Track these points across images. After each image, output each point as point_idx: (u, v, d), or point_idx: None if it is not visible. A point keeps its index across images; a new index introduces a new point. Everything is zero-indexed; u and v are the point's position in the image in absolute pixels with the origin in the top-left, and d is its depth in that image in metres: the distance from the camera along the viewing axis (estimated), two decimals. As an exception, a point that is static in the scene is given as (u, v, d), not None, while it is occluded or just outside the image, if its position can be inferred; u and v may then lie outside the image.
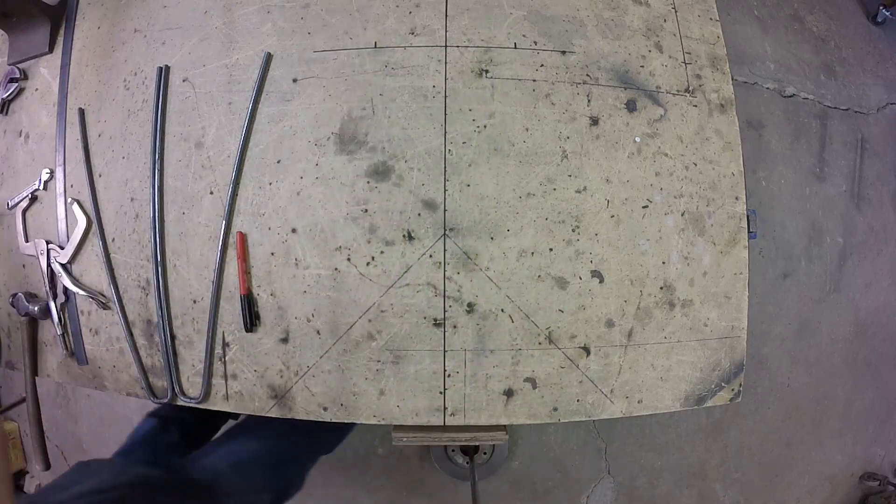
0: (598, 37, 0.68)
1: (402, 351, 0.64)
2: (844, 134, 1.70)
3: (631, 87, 0.67)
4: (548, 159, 0.65)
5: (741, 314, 0.68)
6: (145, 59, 0.71)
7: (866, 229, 1.71)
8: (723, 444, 1.65)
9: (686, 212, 0.67)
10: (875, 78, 1.75)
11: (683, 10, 0.71)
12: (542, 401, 0.65)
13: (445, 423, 0.64)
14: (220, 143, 0.67)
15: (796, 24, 1.73)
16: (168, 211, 0.68)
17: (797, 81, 1.68)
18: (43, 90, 0.77)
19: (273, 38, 0.68)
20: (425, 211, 0.64)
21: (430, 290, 0.64)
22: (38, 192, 0.75)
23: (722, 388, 0.69)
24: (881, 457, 1.77)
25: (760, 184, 1.63)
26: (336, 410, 0.65)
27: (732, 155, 0.69)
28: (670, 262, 0.66)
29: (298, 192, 0.65)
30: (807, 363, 1.68)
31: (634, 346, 0.66)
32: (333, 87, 0.66)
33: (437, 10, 0.67)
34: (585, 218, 0.65)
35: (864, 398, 1.73)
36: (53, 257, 0.72)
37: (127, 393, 0.71)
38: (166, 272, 0.67)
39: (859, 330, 1.71)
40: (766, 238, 1.63)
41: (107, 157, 0.71)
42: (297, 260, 0.65)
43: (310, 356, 0.65)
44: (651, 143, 0.66)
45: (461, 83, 0.65)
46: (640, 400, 0.66)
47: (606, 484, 1.62)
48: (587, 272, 0.65)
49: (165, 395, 0.68)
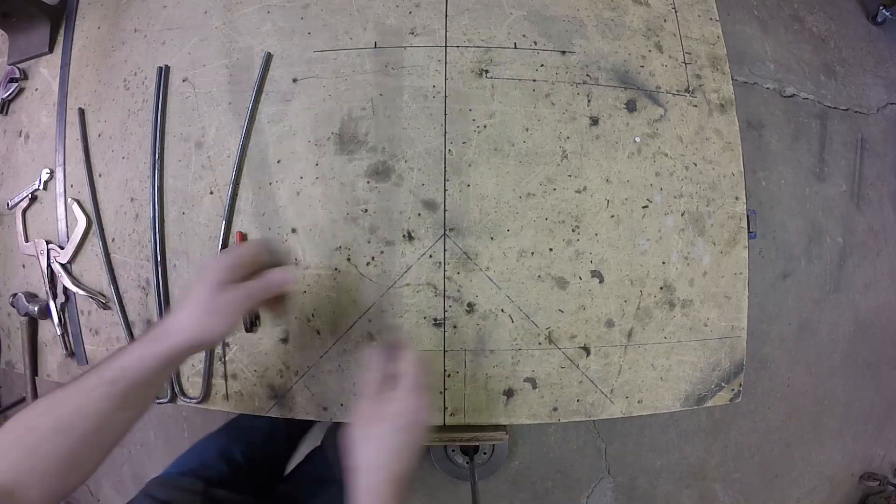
0: (598, 37, 0.68)
1: (402, 351, 0.64)
2: (844, 134, 1.70)
3: (631, 87, 0.67)
4: (548, 159, 0.65)
5: (741, 314, 0.68)
6: (145, 59, 0.71)
7: (866, 229, 1.71)
8: (723, 444, 1.65)
9: (686, 212, 0.67)
10: (875, 78, 1.75)
11: (683, 10, 0.71)
12: (542, 401, 0.65)
13: (445, 423, 0.64)
14: (220, 143, 0.67)
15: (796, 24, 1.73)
16: (168, 211, 0.68)
17: (797, 81, 1.68)
18: (43, 90, 0.77)
19: (273, 38, 0.68)
20: (425, 211, 0.64)
21: (430, 290, 0.64)
22: (38, 192, 0.75)
23: (722, 388, 0.69)
24: (881, 457, 1.77)
25: (760, 184, 1.63)
26: (336, 410, 0.65)
27: (732, 155, 0.69)
28: (670, 262, 0.66)
29: (298, 192, 0.65)
30: (807, 363, 1.68)
31: (634, 346, 0.66)
32: (333, 87, 0.66)
33: (437, 10, 0.67)
34: (585, 218, 0.65)
35: (864, 398, 1.73)
36: (53, 257, 0.72)
37: (127, 393, 0.71)
38: (166, 272, 0.67)
39: (859, 330, 1.71)
40: (766, 238, 1.63)
41: (107, 157, 0.71)
42: (297, 260, 0.65)
43: (310, 356, 0.65)
44: (651, 143, 0.66)
45: (461, 83, 0.65)
46: (640, 400, 0.66)
47: (606, 484, 1.62)
48: (587, 272, 0.65)
49: (165, 395, 0.68)
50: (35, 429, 0.45)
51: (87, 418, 0.46)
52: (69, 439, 0.45)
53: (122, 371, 0.47)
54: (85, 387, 0.46)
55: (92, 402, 0.46)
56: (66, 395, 0.47)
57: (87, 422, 0.46)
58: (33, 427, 0.46)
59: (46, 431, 0.45)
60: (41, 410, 0.46)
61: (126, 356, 0.48)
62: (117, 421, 0.48)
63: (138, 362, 0.48)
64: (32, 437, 0.45)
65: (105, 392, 0.46)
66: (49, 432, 0.45)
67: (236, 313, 0.50)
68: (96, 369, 0.48)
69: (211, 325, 0.49)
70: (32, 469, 0.44)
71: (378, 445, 0.46)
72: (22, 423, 0.46)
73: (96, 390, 0.46)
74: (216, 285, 0.49)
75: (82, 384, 0.47)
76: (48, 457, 0.45)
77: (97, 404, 0.46)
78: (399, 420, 0.47)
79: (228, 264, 0.50)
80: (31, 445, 0.45)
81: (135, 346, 0.49)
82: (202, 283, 0.49)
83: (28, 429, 0.46)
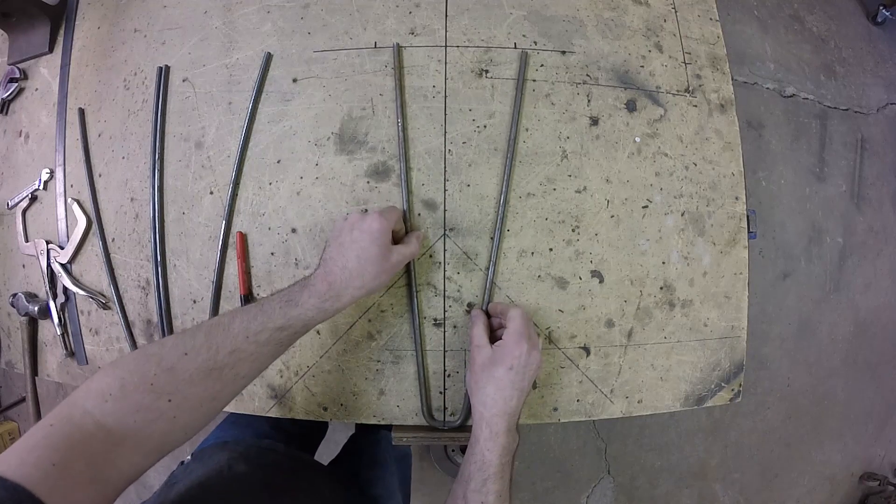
0: (598, 37, 0.68)
1: (402, 351, 0.64)
2: (844, 134, 1.70)
3: (631, 87, 0.67)
4: (548, 159, 0.65)
5: (741, 314, 0.68)
6: (145, 59, 0.71)
7: (866, 229, 1.71)
8: (723, 444, 1.65)
9: (686, 212, 0.67)
10: (875, 78, 1.75)
11: (683, 10, 0.71)
12: (542, 401, 0.65)
13: (445, 423, 0.64)
14: (220, 143, 0.67)
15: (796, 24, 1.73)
16: (168, 211, 0.68)
17: (797, 81, 1.68)
18: (43, 90, 0.77)
19: (273, 38, 0.68)
20: (425, 211, 0.64)
21: (430, 290, 0.64)
22: (38, 191, 0.75)
23: (722, 388, 0.69)
24: (881, 457, 1.77)
25: (760, 184, 1.63)
26: (336, 410, 0.65)
27: (732, 155, 0.69)
28: (670, 262, 0.66)
29: (298, 192, 0.65)
30: (807, 363, 1.68)
31: (634, 346, 0.66)
32: (333, 87, 0.66)
33: (437, 10, 0.67)
34: (585, 218, 0.65)
35: (864, 398, 1.74)
36: (53, 257, 0.72)
37: (127, 393, 0.71)
38: (166, 272, 0.67)
39: (859, 330, 1.71)
40: (766, 238, 1.63)
41: (107, 157, 0.71)
42: (297, 260, 0.65)
43: (310, 356, 0.65)
44: (651, 143, 0.66)
45: (461, 83, 0.65)
46: (640, 400, 0.66)
47: (606, 484, 1.62)
48: (587, 272, 0.65)
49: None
50: (175, 370, 0.44)
51: (242, 361, 0.47)
52: (219, 382, 0.45)
53: (288, 320, 0.49)
54: (242, 332, 0.47)
55: (251, 345, 0.47)
56: (215, 338, 0.46)
57: (239, 365, 0.47)
58: (172, 368, 0.44)
59: (196, 373, 0.44)
60: (177, 352, 0.44)
61: (292, 309, 0.49)
62: (263, 367, 0.50)
63: (309, 313, 0.50)
64: (167, 379, 0.43)
65: (269, 337, 0.48)
66: (200, 374, 0.44)
67: (396, 273, 0.56)
68: (252, 315, 0.48)
69: (379, 285, 0.54)
70: (160, 416, 0.42)
71: (492, 385, 0.53)
72: (152, 364, 0.43)
73: (261, 334, 0.48)
74: (385, 248, 0.52)
75: (237, 329, 0.47)
76: (185, 401, 0.43)
77: (257, 347, 0.48)
78: (508, 363, 0.53)
79: (389, 227, 0.53)
80: (166, 387, 0.42)
81: (300, 297, 0.50)
82: (374, 246, 0.51)
83: (166, 370, 0.43)
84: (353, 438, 0.98)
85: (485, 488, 0.51)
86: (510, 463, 0.54)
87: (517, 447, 0.55)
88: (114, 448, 0.39)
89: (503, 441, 0.52)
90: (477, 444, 0.53)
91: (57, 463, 0.35)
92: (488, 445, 0.52)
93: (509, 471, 0.54)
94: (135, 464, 0.41)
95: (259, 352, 0.48)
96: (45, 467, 0.34)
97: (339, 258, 0.51)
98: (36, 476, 0.33)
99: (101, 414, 0.40)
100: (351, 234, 0.52)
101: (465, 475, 0.54)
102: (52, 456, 0.35)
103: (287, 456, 0.72)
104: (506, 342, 0.54)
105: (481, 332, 0.57)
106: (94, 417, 0.39)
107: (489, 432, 0.53)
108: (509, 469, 0.54)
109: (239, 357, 0.47)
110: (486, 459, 0.52)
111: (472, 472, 0.53)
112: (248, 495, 0.58)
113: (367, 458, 0.87)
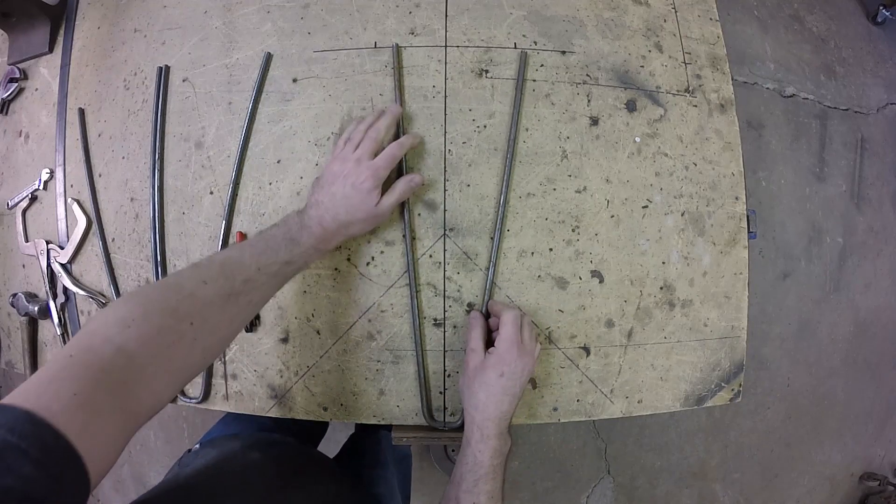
0: (598, 37, 0.68)
1: (403, 351, 0.64)
2: (844, 134, 1.70)
3: (631, 87, 0.67)
4: (548, 159, 0.65)
5: (741, 314, 0.68)
6: (145, 59, 0.71)
7: (866, 229, 1.71)
8: (723, 444, 1.65)
9: (686, 212, 0.67)
10: (875, 78, 1.75)
11: (683, 10, 0.71)
12: (542, 401, 0.65)
13: (445, 423, 0.64)
14: (220, 143, 0.67)
15: (796, 24, 1.73)
16: (168, 211, 0.68)
17: (797, 81, 1.68)
18: (43, 90, 0.77)
19: (273, 38, 0.68)
20: (425, 211, 0.64)
21: (430, 290, 0.64)
22: (38, 191, 0.75)
23: (722, 388, 0.69)
24: (881, 457, 1.77)
25: (760, 184, 1.63)
26: (336, 410, 0.65)
27: (732, 155, 0.69)
28: (670, 262, 0.66)
29: (298, 192, 0.65)
30: (807, 363, 1.68)
31: (634, 346, 0.66)
32: (333, 87, 0.66)
33: (437, 10, 0.67)
34: (585, 218, 0.65)
35: (864, 398, 1.74)
36: (53, 257, 0.72)
37: (127, 393, 0.71)
38: (166, 272, 0.67)
39: (859, 330, 1.71)
40: (766, 238, 1.63)
41: (107, 157, 0.71)
42: (297, 260, 0.65)
43: (310, 356, 0.65)
44: (651, 143, 0.66)
45: (461, 83, 0.65)
46: (640, 400, 0.66)
47: (606, 484, 1.62)
48: (587, 272, 0.65)
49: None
50: (195, 296, 0.44)
51: (255, 290, 0.49)
52: (235, 306, 0.47)
53: (293, 257, 0.53)
54: (254, 264, 0.49)
55: (262, 276, 0.50)
56: (230, 268, 0.48)
57: (252, 293, 0.49)
58: (192, 294, 0.44)
59: (215, 297, 0.45)
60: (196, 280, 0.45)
61: (296, 247, 0.53)
62: (271, 296, 0.53)
63: (309, 252, 0.54)
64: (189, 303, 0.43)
65: (277, 270, 0.51)
66: (219, 299, 0.46)
67: (391, 213, 0.59)
68: (260, 250, 0.51)
69: (374, 225, 0.58)
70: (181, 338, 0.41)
71: (483, 391, 0.54)
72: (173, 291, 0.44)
73: (271, 267, 0.50)
74: (374, 202, 0.55)
75: (248, 261, 0.49)
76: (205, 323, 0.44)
77: (267, 278, 0.50)
78: (499, 369, 0.54)
79: (380, 181, 0.56)
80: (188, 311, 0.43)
81: (300, 237, 0.53)
82: (365, 204, 0.55)
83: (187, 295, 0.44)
84: (353, 438, 0.98)
85: (476, 489, 0.52)
86: (502, 465, 0.54)
87: (510, 450, 0.56)
88: (135, 376, 0.38)
89: (494, 444, 0.53)
90: (468, 447, 0.54)
91: (78, 393, 0.33)
92: (479, 447, 0.53)
93: (501, 472, 0.54)
94: (156, 392, 0.40)
95: (269, 282, 0.51)
96: (65, 398, 0.32)
97: (331, 207, 0.54)
98: (55, 408, 0.31)
99: (124, 340, 0.38)
100: (343, 188, 0.54)
101: (458, 476, 0.54)
102: (73, 386, 0.33)
103: (297, 449, 0.73)
104: (498, 349, 0.55)
105: (478, 335, 0.58)
106: (115, 344, 0.37)
107: (480, 435, 0.54)
108: (501, 471, 0.54)
109: (252, 286, 0.49)
110: (477, 461, 0.53)
111: (464, 473, 0.54)
112: (262, 482, 0.59)
113: (369, 457, 0.87)
